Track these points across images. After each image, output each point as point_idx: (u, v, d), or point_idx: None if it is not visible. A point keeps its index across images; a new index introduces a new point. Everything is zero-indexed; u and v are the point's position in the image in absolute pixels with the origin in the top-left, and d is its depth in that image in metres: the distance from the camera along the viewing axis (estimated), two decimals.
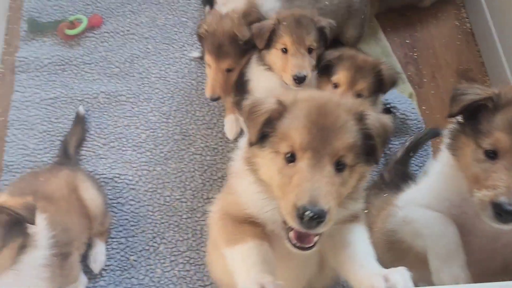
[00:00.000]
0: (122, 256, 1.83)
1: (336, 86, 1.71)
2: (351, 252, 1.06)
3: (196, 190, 1.97)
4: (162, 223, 1.90)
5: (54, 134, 2.03)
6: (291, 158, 0.95)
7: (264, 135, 0.99)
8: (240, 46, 1.78)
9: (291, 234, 0.97)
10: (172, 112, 2.15)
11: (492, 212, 1.01)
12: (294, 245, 0.98)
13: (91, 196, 1.73)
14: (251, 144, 1.01)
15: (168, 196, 1.95)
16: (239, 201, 1.09)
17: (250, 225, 1.07)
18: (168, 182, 1.98)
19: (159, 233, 1.87)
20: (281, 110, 0.98)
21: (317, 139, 0.92)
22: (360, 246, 1.08)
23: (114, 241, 1.85)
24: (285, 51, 1.69)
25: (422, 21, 2.53)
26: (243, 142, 1.13)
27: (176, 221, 1.90)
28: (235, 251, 1.06)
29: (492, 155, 1.05)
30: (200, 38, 1.85)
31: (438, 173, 1.28)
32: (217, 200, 1.22)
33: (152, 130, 2.09)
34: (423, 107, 2.25)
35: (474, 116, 1.11)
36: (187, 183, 1.98)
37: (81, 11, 2.36)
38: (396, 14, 2.54)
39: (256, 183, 1.03)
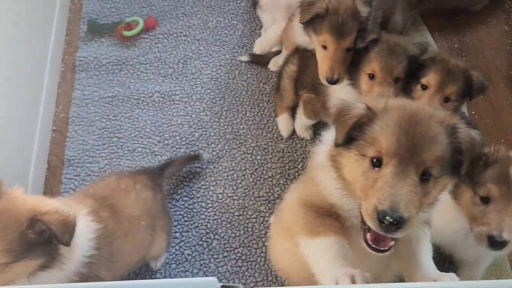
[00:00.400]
0: (177, 250, 1.89)
1: (424, 88, 1.70)
2: (413, 250, 1.13)
3: (247, 189, 2.02)
4: (215, 219, 1.95)
5: (112, 131, 2.12)
6: (377, 163, 0.97)
7: (351, 137, 1.02)
8: (359, 24, 1.70)
9: (368, 235, 1.01)
10: (224, 112, 2.20)
11: (487, 243, 1.37)
12: (370, 246, 1.02)
13: (162, 238, 1.69)
14: (337, 145, 1.05)
15: (220, 193, 2.01)
16: (322, 193, 1.12)
17: (331, 218, 1.11)
18: (220, 180, 2.03)
19: (212, 229, 1.93)
20: (371, 116, 1.01)
21: (406, 148, 0.94)
22: (421, 245, 1.15)
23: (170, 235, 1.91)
24: (371, 76, 1.68)
25: (471, 26, 2.52)
26: (328, 137, 1.16)
27: (228, 218, 1.95)
28: (315, 242, 1.09)
29: (486, 200, 1.41)
30: (316, 17, 1.71)
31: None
32: (294, 188, 1.26)
33: (204, 129, 2.16)
34: (472, 112, 2.25)
35: (472, 169, 1.43)
36: (238, 181, 2.03)
37: (136, 13, 2.44)
38: (444, 19, 2.54)
39: (337, 180, 1.07)
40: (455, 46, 2.47)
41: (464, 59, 2.42)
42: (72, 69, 2.27)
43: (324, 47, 1.74)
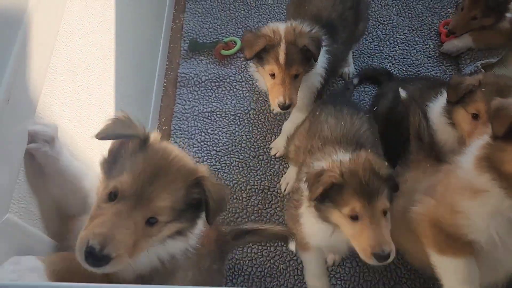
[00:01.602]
0: (272, 263, 1.94)
1: (476, 117, 1.64)
2: None
3: None
4: None
5: (210, 144, 2.22)
6: None
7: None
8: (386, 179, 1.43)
9: None
10: None
11: None
12: None
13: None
14: (496, 138, 1.11)
15: None
16: (460, 223, 1.15)
17: (461, 242, 1.16)
18: None
19: None
20: None
21: None
22: None
23: (265, 249, 1.97)
24: (475, 116, 1.63)
25: None
26: (476, 145, 1.21)
27: None
28: (443, 259, 1.17)
29: None
30: (331, 187, 1.43)
31: None
32: (424, 202, 1.29)
33: None
34: None
35: None
36: None
37: (232, 33, 2.56)
38: None
39: (496, 180, 1.10)
40: None
41: None
42: (174, 84, 2.41)
43: (353, 217, 1.44)
